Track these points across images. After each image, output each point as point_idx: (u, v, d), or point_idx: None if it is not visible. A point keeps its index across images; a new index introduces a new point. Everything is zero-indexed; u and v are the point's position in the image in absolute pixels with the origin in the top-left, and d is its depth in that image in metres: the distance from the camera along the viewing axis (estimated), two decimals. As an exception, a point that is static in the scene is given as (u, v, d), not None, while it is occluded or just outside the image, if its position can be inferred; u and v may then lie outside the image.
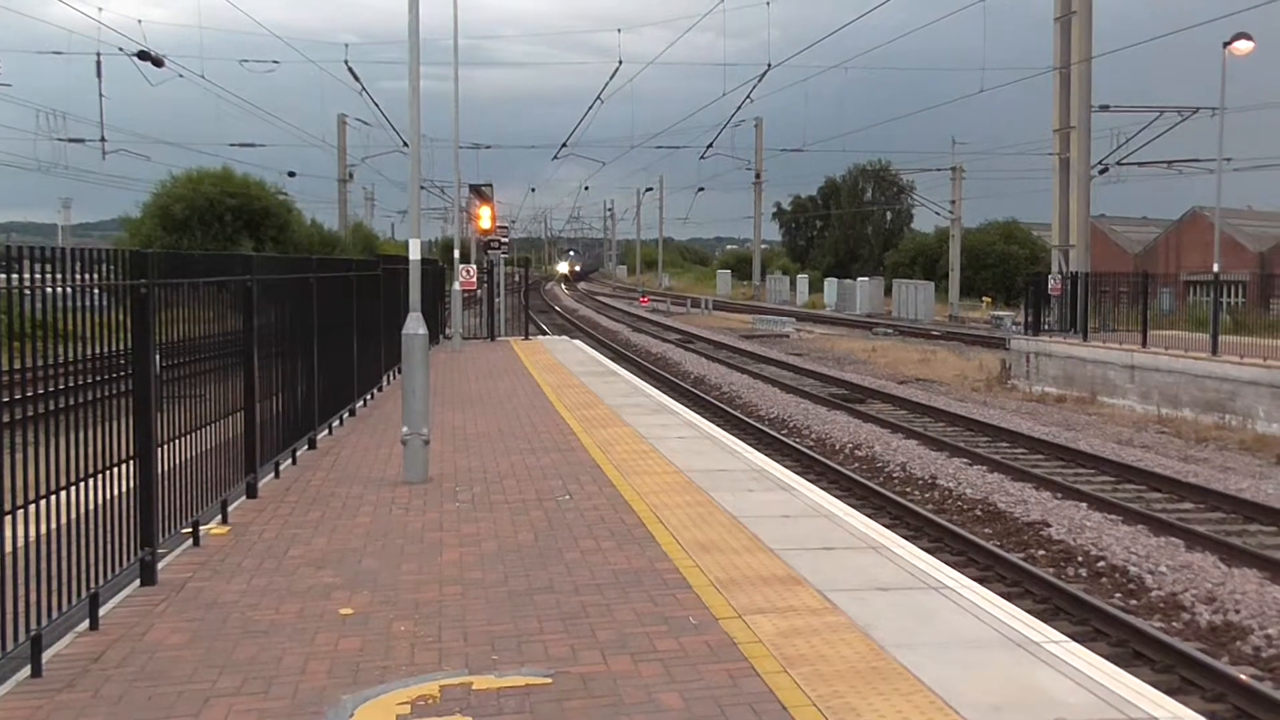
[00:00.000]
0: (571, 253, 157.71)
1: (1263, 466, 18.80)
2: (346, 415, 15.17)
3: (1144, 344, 27.71)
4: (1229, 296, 52.44)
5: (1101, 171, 41.40)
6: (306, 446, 12.49)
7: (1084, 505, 14.42)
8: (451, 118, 30.12)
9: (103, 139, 45.15)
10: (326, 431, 13.75)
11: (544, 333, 41.91)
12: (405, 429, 10.85)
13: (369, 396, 17.21)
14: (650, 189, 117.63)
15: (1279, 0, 26.19)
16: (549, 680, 5.60)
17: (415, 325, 11.16)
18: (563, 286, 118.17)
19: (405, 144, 35.70)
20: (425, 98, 11.57)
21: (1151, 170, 45.11)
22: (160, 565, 7.54)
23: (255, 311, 9.80)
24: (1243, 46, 30.24)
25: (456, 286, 29.27)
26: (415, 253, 11.57)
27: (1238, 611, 10.15)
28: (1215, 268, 31.19)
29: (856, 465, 18.04)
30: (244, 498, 9.88)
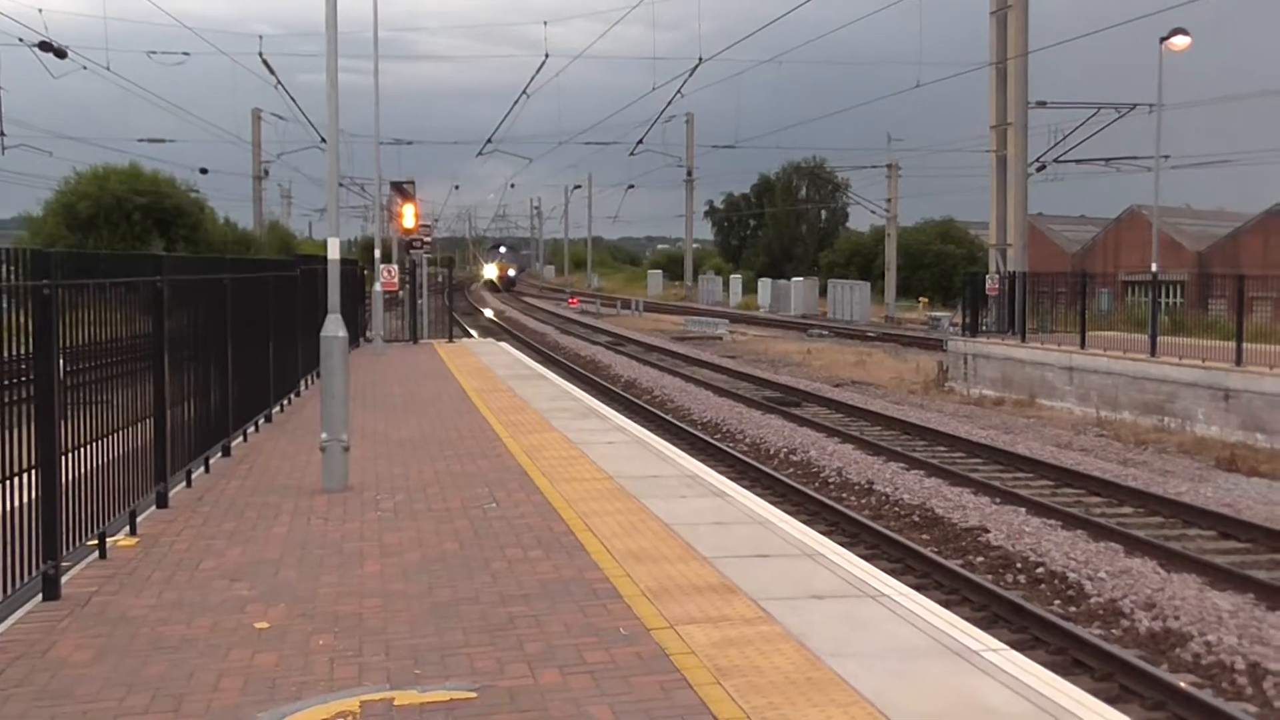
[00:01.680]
0: (502, 249, 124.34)
1: (1202, 470, 19.20)
2: (263, 421, 15.01)
3: (1083, 345, 28.17)
4: (1168, 297, 53.52)
5: (1039, 169, 42.08)
6: (220, 454, 12.34)
7: (1023, 510, 14.63)
8: (372, 112, 29.95)
9: (1, 133, 44.25)
10: (242, 438, 13.60)
11: (469, 335, 41.75)
12: (324, 435, 10.76)
13: (286, 401, 17.04)
14: (579, 186, 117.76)
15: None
16: (474, 695, 5.58)
17: (334, 327, 11.08)
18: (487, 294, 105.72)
19: (323, 139, 35.38)
20: (344, 92, 11.50)
21: (1089, 168, 45.94)
22: (64, 579, 7.42)
23: (166, 314, 9.67)
24: (1180, 42, 30.92)
25: (378, 287, 29.08)
26: (334, 252, 11.48)
27: (1177, 618, 10.35)
28: (1154, 267, 31.87)
29: (792, 470, 18.16)
30: (154, 507, 9.74)
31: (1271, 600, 10.88)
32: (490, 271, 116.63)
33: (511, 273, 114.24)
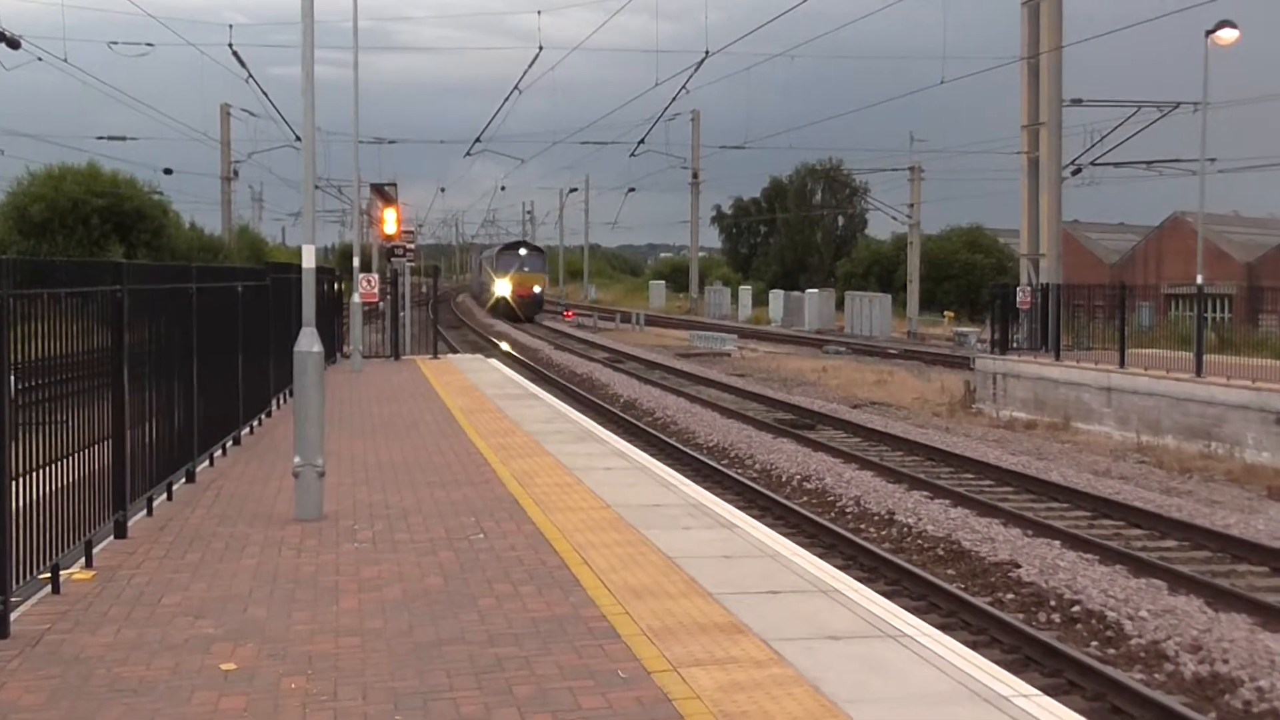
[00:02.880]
0: (521, 250, 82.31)
1: (1252, 499, 19.19)
2: (231, 444, 15.00)
3: (1122, 364, 28.19)
4: (1214, 311, 53.51)
5: (1074, 173, 42.15)
6: (184, 479, 12.34)
7: (1057, 543, 14.62)
8: (351, 108, 30.04)
9: (-52, 129, 44.32)
10: (208, 463, 13.60)
11: (455, 351, 41.74)
12: (297, 459, 10.76)
13: (257, 422, 17.04)
14: (575, 189, 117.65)
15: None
16: (460, 743, 5.56)
17: (309, 342, 11.08)
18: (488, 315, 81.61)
19: (298, 138, 35.47)
20: (321, 86, 11.54)
21: (1128, 171, 45.93)
22: (13, 616, 7.40)
23: (126, 326, 9.68)
24: (1227, 35, 30.93)
25: (356, 298, 29.10)
26: (309, 260, 11.49)
27: (1226, 661, 10.33)
28: (1199, 279, 31.83)
29: (805, 499, 18.15)
30: (112, 538, 9.73)
31: (1328, 642, 10.86)
32: (503, 288, 75.97)
33: (537, 289, 77.27)
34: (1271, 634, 11.08)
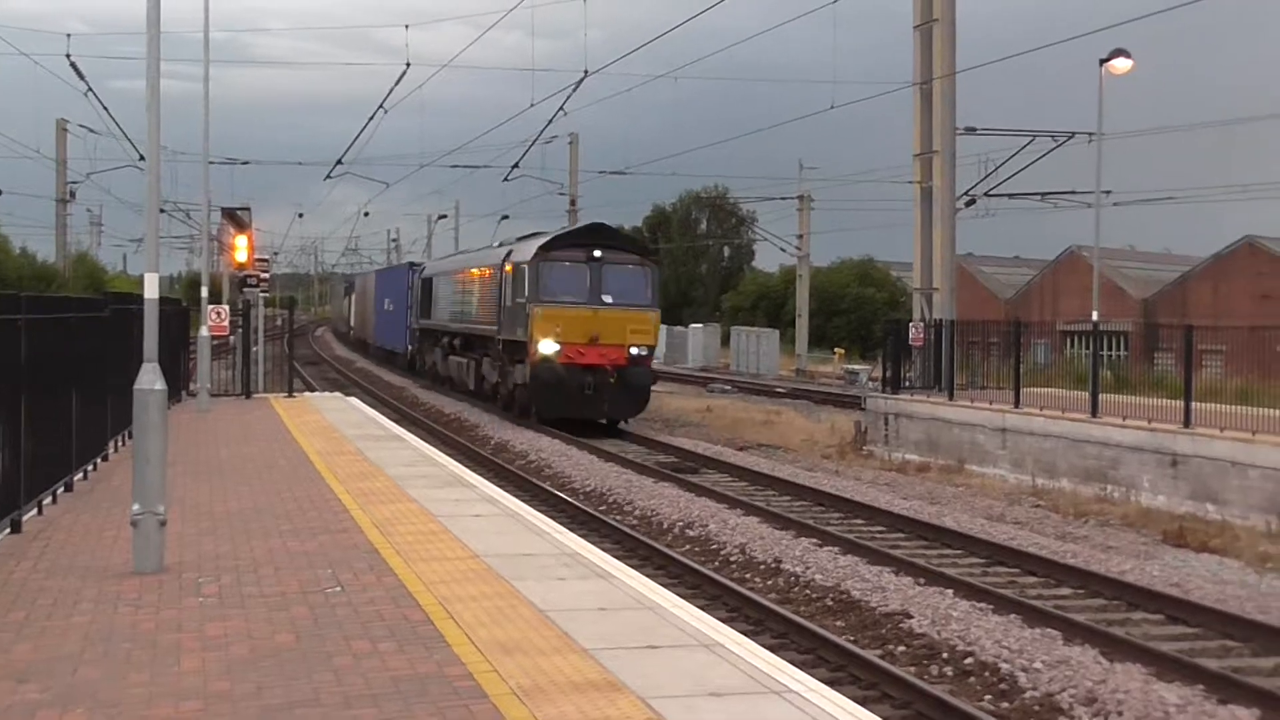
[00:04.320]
0: (601, 251, 32.50)
1: (1147, 545, 19.67)
2: (62, 490, 14.66)
3: (1017, 404, 28.75)
4: (1110, 349, 54.95)
5: (968, 203, 42.95)
6: (9, 530, 12.03)
7: (950, 592, 14.83)
8: (201, 126, 29.65)
9: None
10: (35, 511, 13.25)
11: (313, 389, 41.32)
12: (136, 506, 10.55)
13: (92, 467, 16.68)
14: (444, 216, 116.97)
15: (1166, 12, 27.64)
16: (312, 815, 5.48)
17: (151, 379, 10.88)
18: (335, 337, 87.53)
19: (142, 157, 34.93)
20: (168, 101, 11.37)
21: (1024, 203, 46.94)
22: None
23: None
24: (1121, 65, 31.88)
25: (205, 331, 28.65)
26: (152, 290, 11.29)
27: (1120, 714, 10.56)
28: (1094, 316, 32.65)
29: (688, 547, 18.20)
30: (-74, 594, 9.44)
31: (1223, 692, 11.15)
32: (548, 345, 32.35)
33: (645, 348, 33.38)
34: (1166, 684, 11.35)
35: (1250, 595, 15.62)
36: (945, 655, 12.52)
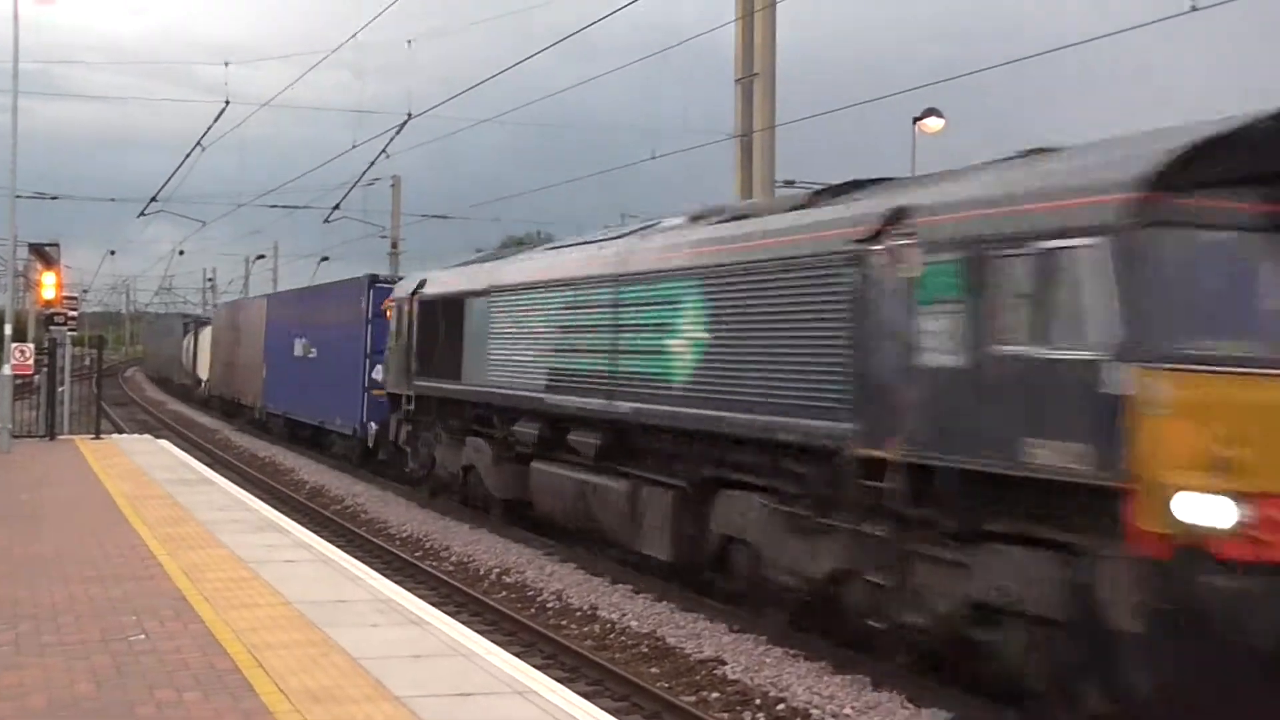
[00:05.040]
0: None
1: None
2: None
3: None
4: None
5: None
6: None
7: (764, 639, 14.99)
8: (9, 158, 28.85)
9: None
10: None
11: (121, 430, 40.27)
12: (-71, 552, 10.17)
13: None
14: (263, 256, 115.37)
15: (978, 73, 28.82)
16: None
17: (-52, 419, 10.53)
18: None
19: (-56, 188, 33.82)
20: (-28, 133, 11.05)
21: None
22: None
23: None
24: (933, 124, 32.93)
25: (7, 370, 27.81)
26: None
27: (927, 757, 10.74)
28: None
29: (505, 594, 18.14)
30: None
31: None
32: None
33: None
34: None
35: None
36: (758, 701, 12.65)
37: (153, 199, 49.85)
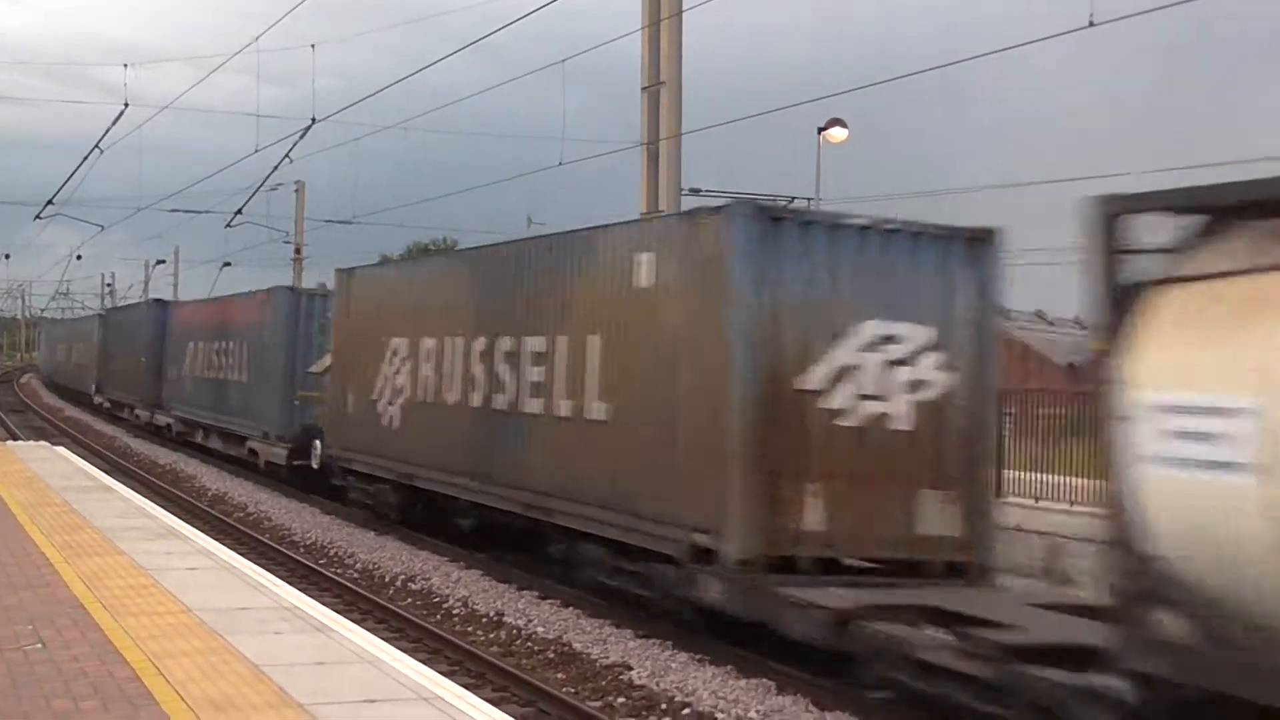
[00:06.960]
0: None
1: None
2: None
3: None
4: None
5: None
6: None
7: (670, 644, 15.05)
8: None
9: None
10: None
11: (16, 437, 39.57)
12: None
13: None
14: (163, 261, 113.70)
15: (879, 85, 28.91)
16: None
17: None
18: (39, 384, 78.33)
19: None
20: None
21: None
22: None
23: None
24: (838, 134, 33.28)
25: (-102, 376, 27.20)
26: None
27: (831, 759, 10.84)
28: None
29: (410, 601, 18.06)
30: None
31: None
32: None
33: None
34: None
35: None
36: (664, 706, 12.70)
37: (49, 202, 49.00)
